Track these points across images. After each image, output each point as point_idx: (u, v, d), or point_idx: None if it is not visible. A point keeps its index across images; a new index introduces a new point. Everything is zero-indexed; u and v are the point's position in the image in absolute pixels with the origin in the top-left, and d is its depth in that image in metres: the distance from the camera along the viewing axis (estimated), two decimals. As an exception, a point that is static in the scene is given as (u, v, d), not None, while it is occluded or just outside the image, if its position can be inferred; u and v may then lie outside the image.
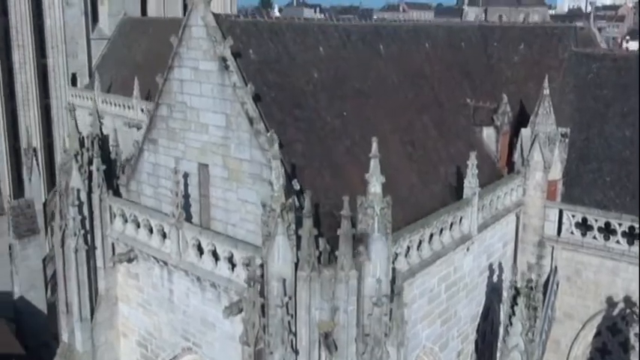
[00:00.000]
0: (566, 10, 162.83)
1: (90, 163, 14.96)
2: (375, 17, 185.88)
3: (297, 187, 11.44)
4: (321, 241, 10.70)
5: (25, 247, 27.51)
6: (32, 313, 27.51)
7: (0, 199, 31.52)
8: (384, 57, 16.32)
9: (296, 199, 10.76)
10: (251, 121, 11.62)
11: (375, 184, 10.56)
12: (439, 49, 18.69)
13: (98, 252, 15.09)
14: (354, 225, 10.54)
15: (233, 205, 12.36)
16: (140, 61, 35.77)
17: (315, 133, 12.86)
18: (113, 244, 14.97)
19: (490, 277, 16.09)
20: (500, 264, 16.57)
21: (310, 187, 11.16)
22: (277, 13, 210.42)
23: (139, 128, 31.14)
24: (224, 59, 11.91)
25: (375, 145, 10.79)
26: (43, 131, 36.19)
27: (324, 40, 14.74)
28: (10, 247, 29.03)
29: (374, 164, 10.70)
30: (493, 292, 16.37)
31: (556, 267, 16.79)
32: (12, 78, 34.90)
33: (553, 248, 16.80)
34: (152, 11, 40.78)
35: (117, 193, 15.21)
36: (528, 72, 19.65)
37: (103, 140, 15.59)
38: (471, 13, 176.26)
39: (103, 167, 14.88)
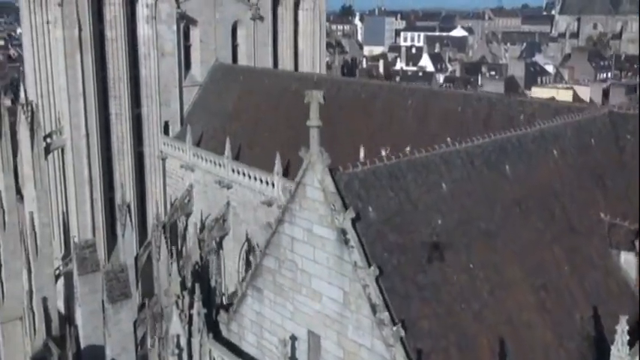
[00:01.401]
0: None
1: (191, 306, 14.16)
2: (458, 26, 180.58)
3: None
4: None
5: (118, 312, 27.60)
6: (124, 374, 27.62)
7: (95, 254, 32.03)
8: (510, 179, 14.56)
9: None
10: (373, 308, 10.32)
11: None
12: (568, 153, 16.64)
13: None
14: None
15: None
16: (231, 110, 35.53)
17: (442, 302, 11.39)
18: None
19: None
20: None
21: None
22: (359, 22, 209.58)
23: (229, 188, 30.82)
24: (344, 232, 10.68)
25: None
26: (136, 181, 36.71)
27: (447, 173, 13.21)
28: (103, 305, 29.37)
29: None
30: None
31: None
32: (109, 129, 35.62)
33: None
34: (243, 58, 40.53)
35: (216, 330, 14.34)
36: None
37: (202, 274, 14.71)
38: (562, 22, 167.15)
39: (204, 311, 14.03)
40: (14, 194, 36.59)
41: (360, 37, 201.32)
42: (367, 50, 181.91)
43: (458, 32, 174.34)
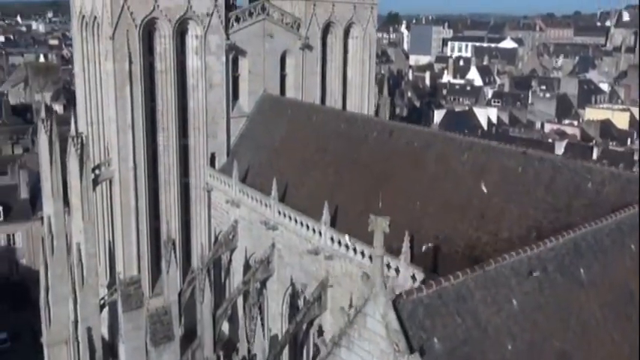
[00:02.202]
0: None
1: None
2: (508, 37, 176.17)
3: None
4: None
5: (161, 355, 27.37)
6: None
7: (140, 291, 31.95)
8: (585, 285, 13.35)
9: None
10: None
11: None
12: (646, 246, 15.24)
13: None
14: None
15: None
16: (278, 145, 34.95)
17: None
18: None
19: None
20: None
21: None
22: (405, 30, 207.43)
23: (275, 229, 30.21)
24: (408, 376, 9.77)
25: None
26: (182, 212, 36.54)
27: (517, 286, 12.12)
28: (146, 343, 29.23)
29: None
30: None
31: None
32: (156, 160, 35.55)
33: None
34: (290, 88, 40.01)
35: None
36: None
37: None
38: (618, 35, 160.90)
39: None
40: (63, 220, 37.00)
41: (405, 46, 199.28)
42: (413, 59, 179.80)
43: (507, 43, 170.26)
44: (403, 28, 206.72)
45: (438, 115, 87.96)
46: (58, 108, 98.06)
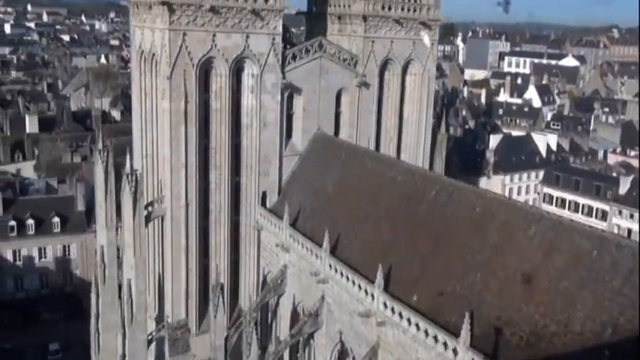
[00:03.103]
0: None
1: None
2: (569, 54, 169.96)
3: None
4: None
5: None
6: None
7: (186, 335, 31.79)
8: None
9: None
10: None
11: None
12: None
13: None
14: None
15: None
16: (330, 190, 34.10)
17: None
18: None
19: None
20: None
21: None
22: (460, 43, 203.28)
23: (325, 282, 29.39)
24: None
25: None
26: (231, 249, 36.17)
27: None
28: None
29: None
30: None
31: None
32: (207, 197, 35.28)
33: None
34: (345, 126, 39.17)
35: None
36: None
37: None
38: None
39: None
40: (115, 250, 37.28)
41: (460, 59, 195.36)
42: (468, 74, 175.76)
43: (568, 61, 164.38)
44: (459, 41, 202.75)
45: (494, 140, 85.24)
46: (116, 114, 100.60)
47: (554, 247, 22.18)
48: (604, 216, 74.55)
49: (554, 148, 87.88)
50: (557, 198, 78.59)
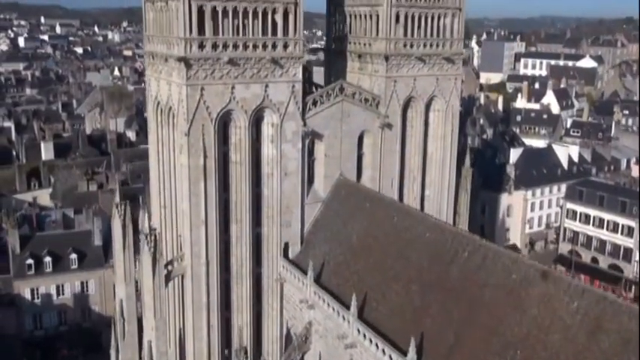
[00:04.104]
0: None
1: None
2: (587, 55, 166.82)
3: None
4: None
5: None
6: None
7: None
8: None
9: None
10: None
11: None
12: None
13: None
14: None
15: None
16: (355, 243, 32.92)
17: None
18: None
19: None
20: None
21: None
22: (475, 45, 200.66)
23: (352, 347, 28.22)
24: None
25: None
26: (253, 303, 35.15)
27: None
28: None
29: None
30: None
31: None
32: (228, 251, 34.27)
33: None
34: (368, 168, 37.99)
35: None
36: None
37: None
38: None
39: None
40: (134, 304, 36.46)
41: (475, 61, 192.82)
42: (484, 77, 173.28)
43: (586, 62, 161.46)
44: (473, 43, 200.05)
45: (515, 154, 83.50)
46: (131, 135, 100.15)
47: (599, 326, 20.83)
48: (630, 232, 72.56)
49: (575, 159, 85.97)
50: (580, 214, 76.69)
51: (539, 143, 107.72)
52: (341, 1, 39.80)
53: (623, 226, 72.76)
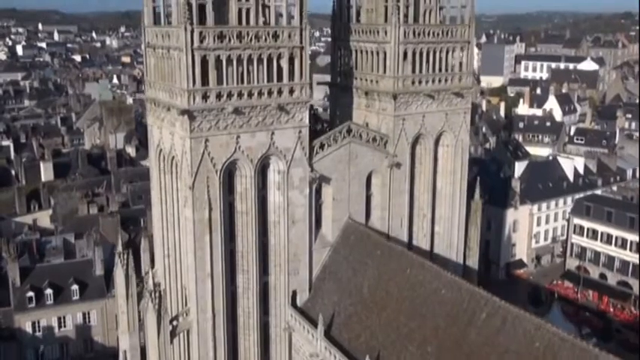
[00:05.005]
0: None
1: None
2: (588, 57, 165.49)
3: None
4: None
5: None
6: None
7: None
8: None
9: None
10: None
11: None
12: None
13: None
14: None
15: None
16: (366, 294, 31.87)
17: None
18: None
19: None
20: None
21: None
22: (475, 49, 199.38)
23: (367, 411, 27.12)
24: None
25: None
26: (261, 354, 34.12)
27: None
28: None
29: None
30: None
31: None
32: (235, 301, 33.25)
33: None
34: (376, 210, 36.90)
35: None
36: None
37: None
38: None
39: None
40: (139, 355, 35.43)
41: (475, 64, 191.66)
42: (485, 81, 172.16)
43: (587, 65, 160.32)
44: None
45: (519, 167, 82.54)
46: (131, 151, 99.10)
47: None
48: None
49: (581, 171, 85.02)
50: (588, 229, 75.75)
51: (543, 152, 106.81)
52: (346, 35, 38.71)
53: (631, 242, 71.75)
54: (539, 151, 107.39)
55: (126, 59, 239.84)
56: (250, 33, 30.15)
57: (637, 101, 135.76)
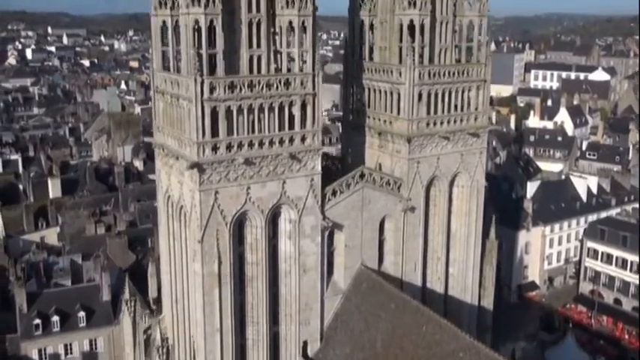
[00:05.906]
0: None
1: None
2: (599, 67, 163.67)
3: None
4: None
5: None
6: None
7: None
8: None
9: None
10: None
11: None
12: None
13: None
14: None
15: None
16: (380, 350, 30.89)
17: None
18: None
19: None
20: None
21: None
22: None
23: None
24: None
25: None
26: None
27: None
28: None
29: None
30: None
31: None
32: (244, 355, 32.38)
33: None
34: (389, 255, 35.94)
35: None
36: None
37: None
38: None
39: None
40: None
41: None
42: (494, 90, 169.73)
43: (598, 75, 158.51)
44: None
45: (532, 187, 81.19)
46: (139, 164, 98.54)
47: None
48: (655, 274, 70.17)
49: (594, 190, 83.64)
50: (602, 253, 74.39)
51: (554, 167, 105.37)
52: (359, 73, 37.78)
53: (647, 267, 70.38)
54: (551, 166, 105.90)
55: (134, 64, 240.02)
56: (262, 81, 29.30)
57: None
